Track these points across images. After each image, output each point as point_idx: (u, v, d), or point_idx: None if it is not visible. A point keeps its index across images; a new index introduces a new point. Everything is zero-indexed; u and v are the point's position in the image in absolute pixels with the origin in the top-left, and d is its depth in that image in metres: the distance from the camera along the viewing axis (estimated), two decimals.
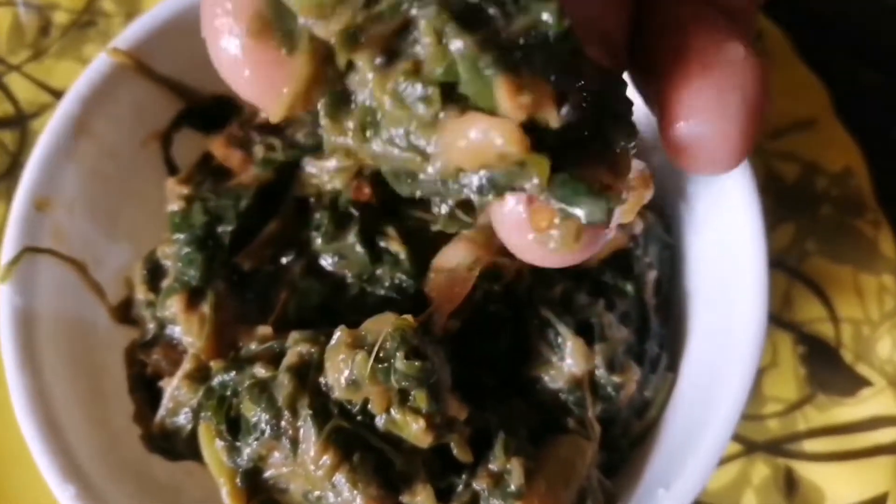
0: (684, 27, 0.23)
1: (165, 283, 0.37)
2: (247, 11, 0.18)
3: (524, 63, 0.18)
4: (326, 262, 0.38)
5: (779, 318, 0.46)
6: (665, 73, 0.22)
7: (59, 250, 0.37)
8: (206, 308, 0.35)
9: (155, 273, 0.38)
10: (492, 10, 0.18)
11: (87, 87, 0.37)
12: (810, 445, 0.44)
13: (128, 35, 0.38)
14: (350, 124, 0.20)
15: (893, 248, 0.47)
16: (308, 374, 0.32)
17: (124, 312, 0.39)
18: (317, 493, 0.31)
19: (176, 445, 0.36)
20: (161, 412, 0.35)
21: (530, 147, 0.18)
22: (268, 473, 0.32)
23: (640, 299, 0.39)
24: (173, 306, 0.36)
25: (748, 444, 0.44)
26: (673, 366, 0.40)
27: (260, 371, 0.32)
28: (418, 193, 0.21)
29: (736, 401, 0.35)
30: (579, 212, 0.20)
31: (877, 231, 0.47)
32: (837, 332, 0.46)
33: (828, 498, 0.44)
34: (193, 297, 0.36)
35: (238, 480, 0.32)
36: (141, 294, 0.38)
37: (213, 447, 0.32)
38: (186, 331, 0.35)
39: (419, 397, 0.30)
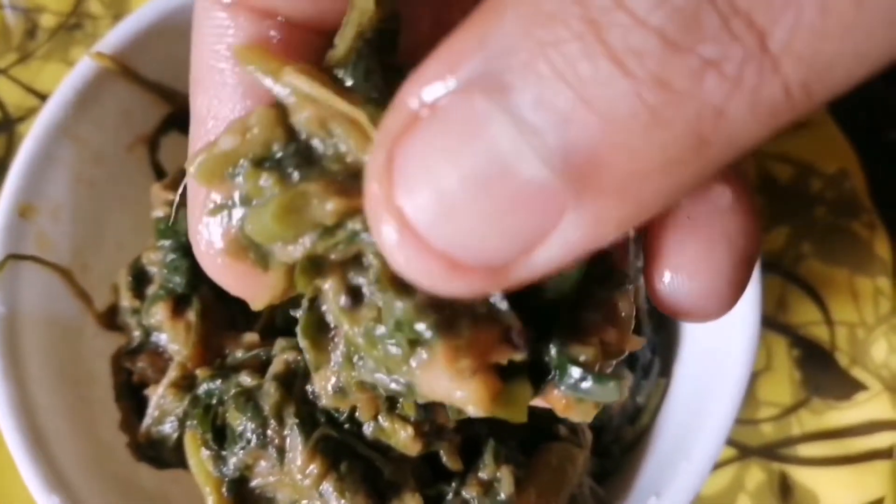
0: None
1: (151, 289, 0.36)
2: (225, 237, 0.19)
3: (465, 319, 0.18)
4: None
5: (773, 321, 0.46)
6: (648, 221, 0.22)
7: (44, 257, 0.37)
8: (191, 315, 0.35)
9: (140, 280, 0.37)
10: None
11: (71, 92, 0.37)
12: (805, 450, 0.44)
13: (112, 38, 0.37)
14: (336, 355, 0.21)
15: (889, 250, 0.47)
16: (294, 382, 0.31)
17: (111, 319, 0.39)
18: (304, 502, 0.31)
19: (162, 454, 0.35)
20: (147, 420, 0.35)
21: (497, 395, 0.18)
22: (254, 482, 0.32)
23: None
24: (159, 313, 0.35)
25: (742, 449, 0.44)
26: (665, 371, 0.39)
27: (246, 379, 0.32)
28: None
29: (729, 406, 0.35)
30: (590, 398, 0.20)
31: (872, 233, 0.47)
32: (832, 336, 0.46)
33: (823, 503, 0.43)
34: (179, 305, 0.35)
35: (224, 490, 0.32)
36: (126, 301, 0.37)
37: (198, 456, 0.32)
38: (172, 338, 0.35)
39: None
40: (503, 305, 0.18)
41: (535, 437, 0.35)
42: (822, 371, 0.45)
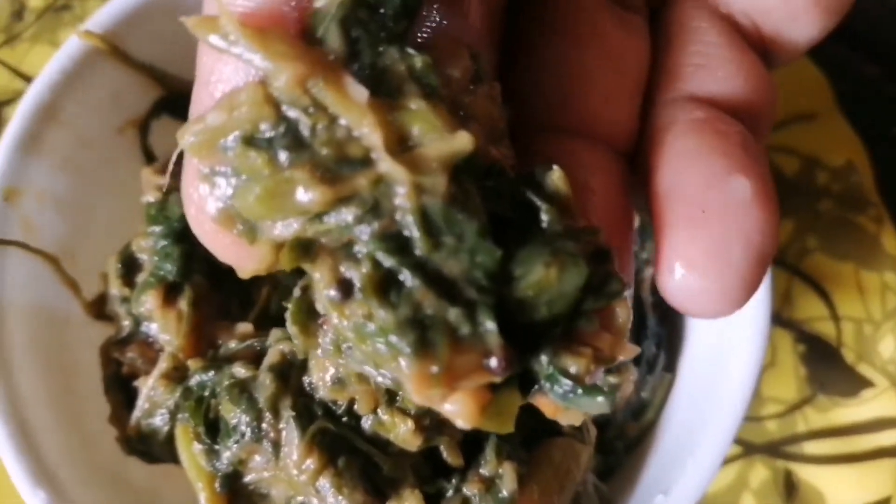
0: (685, 154, 0.20)
1: (141, 277, 0.35)
2: (215, 204, 0.19)
3: (446, 340, 0.17)
4: None
5: (778, 316, 0.45)
6: (660, 211, 0.20)
7: (29, 243, 0.36)
8: (183, 304, 0.34)
9: (130, 267, 0.36)
10: (421, 252, 0.18)
11: (58, 73, 0.36)
12: (810, 447, 0.43)
13: (101, 17, 0.36)
14: (325, 342, 0.20)
15: None
16: (291, 373, 0.30)
17: (100, 308, 0.37)
18: (300, 498, 0.30)
19: (153, 448, 0.34)
20: (136, 413, 0.34)
21: (486, 408, 0.18)
22: (248, 478, 0.31)
23: (636, 297, 0.38)
24: (149, 302, 0.34)
25: (747, 446, 0.43)
26: (671, 366, 0.39)
27: (240, 370, 0.31)
28: None
29: (738, 401, 0.34)
30: (578, 409, 0.19)
31: (879, 227, 0.46)
32: (838, 331, 0.45)
33: (828, 501, 0.42)
34: (170, 293, 0.34)
35: (217, 485, 0.31)
36: (115, 289, 0.36)
37: (190, 450, 0.31)
38: (163, 328, 0.34)
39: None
40: (490, 326, 0.18)
41: (538, 433, 0.34)
42: (828, 367, 0.44)
